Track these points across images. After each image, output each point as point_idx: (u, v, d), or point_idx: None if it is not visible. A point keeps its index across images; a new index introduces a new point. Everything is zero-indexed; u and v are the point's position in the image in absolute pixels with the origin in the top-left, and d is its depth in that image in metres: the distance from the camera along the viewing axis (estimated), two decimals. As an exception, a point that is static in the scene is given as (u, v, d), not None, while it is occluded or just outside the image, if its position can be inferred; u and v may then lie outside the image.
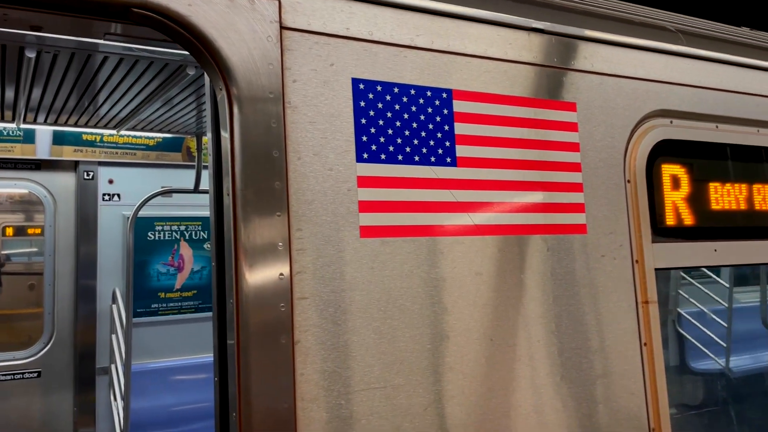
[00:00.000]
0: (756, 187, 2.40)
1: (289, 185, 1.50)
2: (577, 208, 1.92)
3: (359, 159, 1.62)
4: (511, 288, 1.78)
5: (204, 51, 1.45)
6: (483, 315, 1.73)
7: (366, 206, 1.61)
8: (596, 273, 1.93)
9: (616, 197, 2.00)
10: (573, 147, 1.94)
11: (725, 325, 6.44)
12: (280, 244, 1.47)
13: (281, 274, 1.46)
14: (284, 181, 1.49)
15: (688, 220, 2.22)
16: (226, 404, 1.46)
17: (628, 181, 2.05)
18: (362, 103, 1.64)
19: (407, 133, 1.70)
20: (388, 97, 1.68)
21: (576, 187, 1.93)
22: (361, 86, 1.64)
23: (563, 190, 1.90)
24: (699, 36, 2.35)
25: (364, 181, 1.62)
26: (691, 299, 6.68)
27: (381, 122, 1.67)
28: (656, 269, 2.06)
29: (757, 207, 2.39)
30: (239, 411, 1.38)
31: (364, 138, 1.63)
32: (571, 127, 1.95)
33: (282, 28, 1.54)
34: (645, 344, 1.99)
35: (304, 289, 1.49)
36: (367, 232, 1.60)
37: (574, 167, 1.94)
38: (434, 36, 1.76)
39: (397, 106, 1.69)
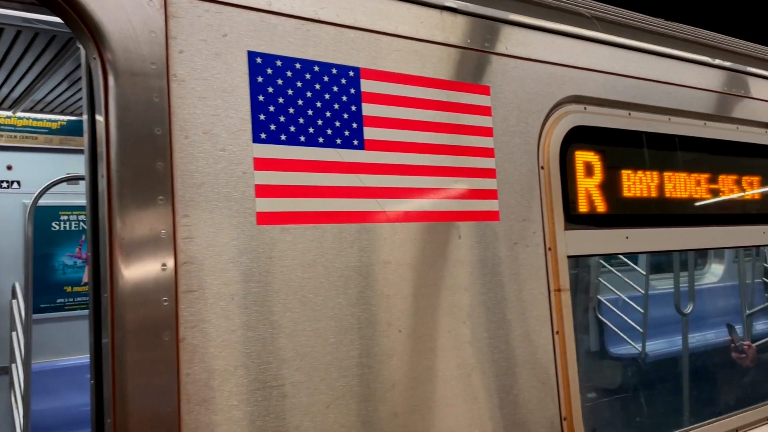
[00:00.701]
0: (667, 174, 2.42)
1: (175, 167, 1.36)
2: (490, 194, 1.86)
3: (256, 139, 1.49)
4: (422, 277, 1.70)
5: (73, 14, 1.28)
6: (391, 305, 1.65)
7: (263, 191, 1.49)
8: (509, 261, 1.89)
9: (529, 184, 1.96)
10: (486, 132, 1.88)
11: (642, 311, 6.68)
12: (163, 231, 1.33)
13: (164, 265, 1.32)
14: (168, 162, 1.35)
15: (601, 207, 2.21)
16: (102, 409, 1.31)
17: (542, 168, 2.01)
18: (260, 79, 1.51)
19: (310, 112, 1.59)
20: (289, 73, 1.56)
21: (489, 173, 1.87)
22: (259, 60, 1.51)
23: (476, 176, 1.84)
24: (614, 23, 2.34)
25: (261, 164, 1.49)
26: (610, 286, 6.90)
27: (281, 100, 1.55)
28: (569, 257, 2.04)
29: (668, 195, 2.41)
30: (114, 416, 1.24)
31: (262, 117, 1.51)
32: (485, 111, 1.89)
33: (167, -8, 1.39)
34: (557, 332, 1.97)
35: (192, 282, 1.36)
36: (265, 218, 1.49)
37: (487, 152, 1.88)
38: (340, 10, 1.65)
39: (299, 83, 1.58)
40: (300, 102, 1.57)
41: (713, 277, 8.29)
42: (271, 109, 1.53)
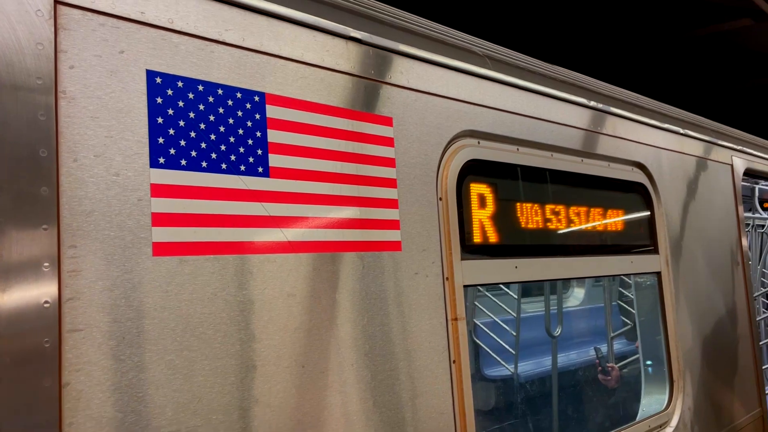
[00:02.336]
0: (550, 207, 2.57)
1: (61, 192, 1.23)
2: (393, 224, 1.87)
3: (154, 164, 1.39)
4: (326, 309, 1.66)
5: (-56, 17, 1.13)
6: (295, 340, 1.58)
7: (161, 219, 1.38)
8: (410, 291, 1.89)
9: (429, 214, 1.99)
10: (389, 162, 1.89)
11: (514, 333, 7.01)
12: (46, 264, 1.19)
13: (46, 302, 1.18)
14: (54, 186, 1.21)
15: (493, 238, 2.29)
16: (-35, 470, 1.13)
17: (440, 199, 2.05)
18: (159, 100, 1.41)
19: (213, 137, 1.51)
20: (191, 95, 1.48)
21: (392, 203, 1.87)
22: (158, 80, 1.42)
23: (379, 206, 1.84)
24: (504, 63, 2.46)
25: (159, 190, 1.39)
26: (485, 310, 7.18)
27: (182, 123, 1.45)
28: (465, 286, 2.09)
29: (551, 227, 2.56)
30: (-19, 479, 1.08)
31: (161, 140, 1.41)
32: (388, 141, 1.90)
33: (57, 2, 1.27)
34: (454, 362, 1.99)
35: (78, 320, 1.22)
36: (162, 249, 1.38)
37: (390, 183, 1.88)
38: (246, 33, 1.59)
39: (201, 107, 1.49)
40: (202, 126, 1.49)
41: (576, 301, 8.89)
42: (171, 132, 1.43)
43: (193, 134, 1.47)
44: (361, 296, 1.74)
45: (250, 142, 1.57)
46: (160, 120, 1.41)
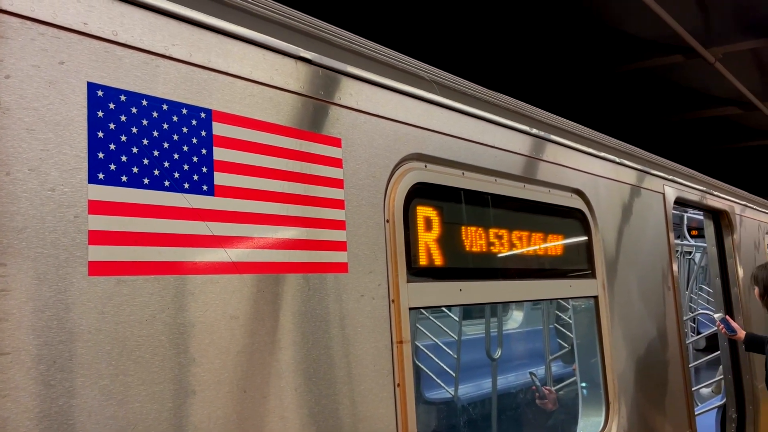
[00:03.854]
0: (493, 231, 2.61)
1: (-9, 207, 1.16)
2: (340, 246, 1.85)
3: (92, 180, 1.33)
4: (270, 332, 1.62)
5: None
6: (237, 364, 1.54)
7: (98, 237, 1.33)
8: (356, 313, 1.88)
9: (376, 236, 1.99)
10: (337, 183, 1.88)
11: (455, 356, 7.06)
12: (-29, 283, 1.11)
13: None
14: None
15: (438, 260, 2.31)
16: None
17: (387, 221, 2.05)
18: (100, 113, 1.36)
19: (156, 153, 1.46)
20: (134, 110, 1.43)
21: (339, 225, 1.86)
22: (100, 93, 1.37)
23: (326, 227, 1.82)
24: (450, 89, 2.51)
25: (97, 207, 1.33)
26: (426, 332, 7.21)
27: (124, 138, 1.41)
28: (410, 308, 2.09)
29: (495, 250, 2.60)
30: None
31: (101, 155, 1.36)
32: (336, 162, 1.89)
33: (-6, 8, 1.21)
34: (398, 385, 1.98)
35: (5, 342, 1.15)
36: (99, 268, 1.32)
37: (338, 204, 1.87)
38: (193, 48, 1.56)
39: (145, 122, 1.45)
40: (145, 141, 1.44)
41: (515, 323, 9.05)
42: (112, 147, 1.38)
43: (135, 150, 1.42)
44: (305, 319, 1.71)
45: (195, 159, 1.53)
46: (100, 134, 1.36)
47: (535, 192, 2.86)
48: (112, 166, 1.37)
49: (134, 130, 1.43)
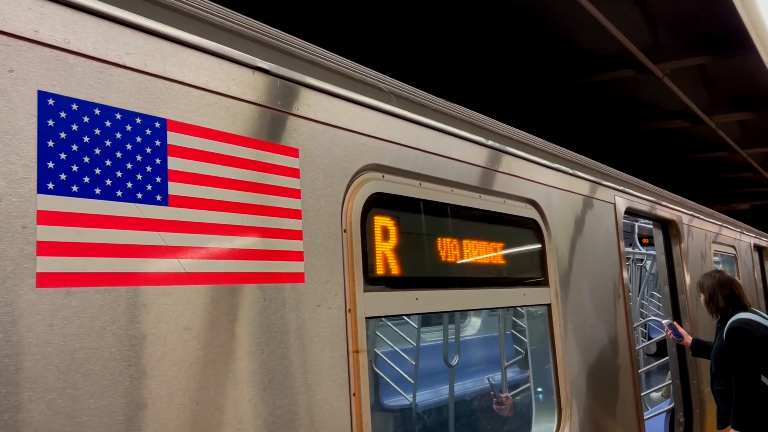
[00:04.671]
0: (449, 241, 2.65)
1: (-67, 217, 1.13)
2: (297, 256, 1.86)
3: (42, 189, 1.31)
4: (224, 343, 1.61)
5: None
6: (189, 376, 1.52)
7: (47, 248, 1.30)
8: (312, 323, 1.88)
9: (333, 246, 2.00)
10: (294, 193, 1.88)
11: (413, 363, 7.10)
12: None
13: None
14: None
15: (395, 270, 2.33)
16: None
17: (345, 231, 2.07)
18: (51, 122, 1.34)
19: (109, 163, 1.45)
20: (86, 119, 1.41)
21: (296, 235, 1.86)
22: (51, 102, 1.35)
23: (283, 237, 1.82)
24: (408, 100, 2.54)
25: (46, 217, 1.31)
26: (386, 339, 7.24)
27: (75, 147, 1.38)
28: (367, 318, 2.10)
29: (451, 259, 2.64)
30: None
31: (51, 164, 1.33)
32: (293, 172, 1.90)
33: (-61, 12, 1.18)
34: (354, 394, 1.99)
35: (-54, 357, 1.12)
36: (48, 280, 1.29)
37: (295, 214, 1.88)
38: (148, 57, 1.55)
39: (97, 131, 1.43)
40: (97, 151, 1.43)
41: (473, 330, 9.16)
42: (63, 156, 1.36)
43: (86, 159, 1.40)
44: (261, 329, 1.71)
45: (148, 169, 1.52)
46: (51, 143, 1.34)
47: (491, 202, 2.92)
48: (63, 176, 1.35)
49: (86, 139, 1.41)
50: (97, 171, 1.42)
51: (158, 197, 1.52)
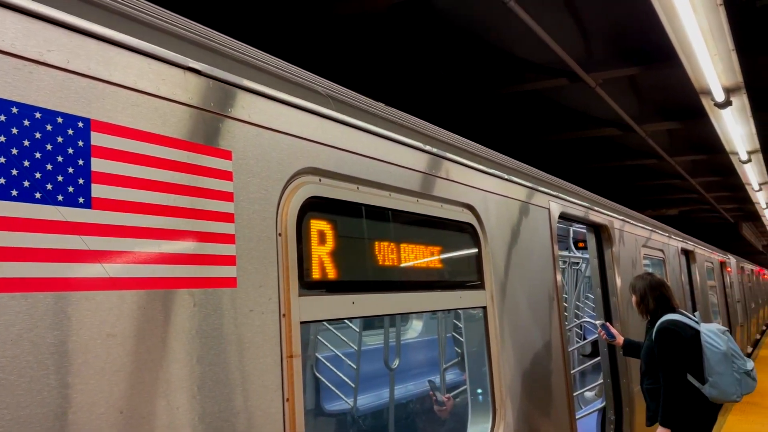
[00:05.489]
0: (386, 244, 2.66)
1: None
2: (229, 260, 1.83)
3: (-48, 191, 1.24)
4: (150, 350, 1.57)
5: None
6: (113, 384, 1.48)
7: (-43, 252, 1.23)
8: (244, 328, 1.85)
9: (267, 250, 1.98)
10: (227, 196, 1.85)
11: (354, 366, 7.09)
12: None
13: None
14: None
15: (331, 274, 2.32)
16: None
17: (280, 235, 2.05)
18: (-38, 120, 1.28)
19: (27, 164, 1.39)
20: (3, 118, 1.35)
21: (228, 239, 1.83)
22: (-37, 98, 1.28)
23: (215, 241, 1.79)
24: (345, 103, 2.54)
25: (-44, 220, 1.24)
26: (326, 343, 7.20)
27: (-11, 147, 1.32)
28: (301, 322, 2.09)
29: (388, 263, 2.65)
30: None
31: (-38, 164, 1.27)
32: (226, 175, 1.87)
33: None
34: (287, 400, 1.97)
35: None
36: (-43, 286, 1.23)
37: (227, 217, 1.85)
38: (72, 55, 1.50)
39: (15, 130, 1.37)
40: (14, 151, 1.36)
41: (414, 333, 9.22)
42: (-24, 155, 1.29)
43: (2, 160, 1.34)
44: (190, 335, 1.67)
45: (70, 170, 1.46)
46: (-38, 142, 1.27)
47: (428, 206, 2.95)
48: (-25, 177, 1.29)
49: (2, 138, 1.34)
50: (14, 172, 1.36)
51: (81, 200, 1.47)
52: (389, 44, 5.40)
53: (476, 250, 3.33)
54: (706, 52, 5.38)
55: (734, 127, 7.99)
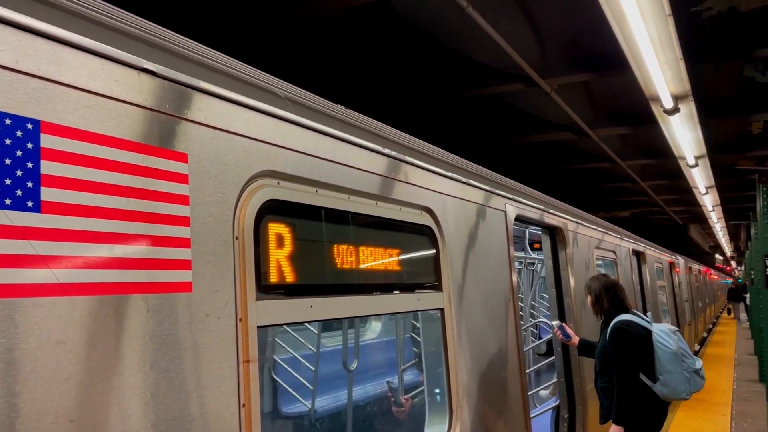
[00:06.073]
0: (344, 247, 2.67)
1: None
2: (184, 264, 1.80)
3: None
4: (102, 357, 1.53)
5: None
6: (63, 392, 1.44)
7: None
8: (200, 333, 1.83)
9: (224, 254, 1.96)
10: (182, 200, 1.83)
11: (312, 368, 7.05)
12: None
13: None
14: None
15: (289, 277, 2.31)
16: None
17: (237, 238, 2.03)
18: None
19: (-28, 166, 1.34)
20: (-55, 118, 1.30)
21: (183, 242, 1.81)
22: None
23: (169, 245, 1.76)
24: (304, 106, 2.53)
25: None
26: (285, 345, 7.14)
27: (-69, 148, 1.27)
28: (258, 326, 2.07)
29: (346, 266, 2.65)
30: None
31: None
32: (182, 178, 1.84)
33: None
34: (243, 405, 1.96)
35: None
36: None
37: (183, 221, 1.82)
38: (20, 55, 1.45)
39: (-42, 131, 1.32)
40: (-41, 153, 1.32)
41: (373, 334, 9.23)
42: None
43: (-55, 161, 1.29)
44: (143, 341, 1.64)
45: (18, 173, 1.42)
46: None
47: (387, 209, 2.97)
48: None
49: (-55, 139, 1.30)
50: (-42, 174, 1.31)
51: (30, 203, 1.43)
52: (349, 47, 5.40)
53: (434, 252, 3.36)
54: (656, 61, 5.56)
55: (682, 133, 8.29)
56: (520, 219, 4.86)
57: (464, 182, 3.84)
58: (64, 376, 1.44)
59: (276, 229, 2.28)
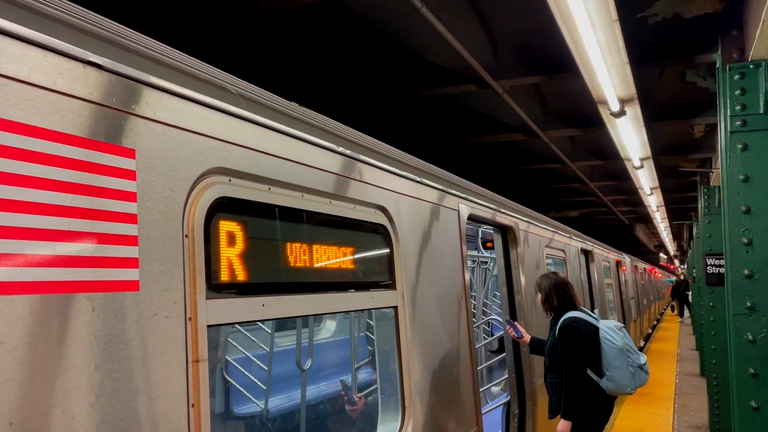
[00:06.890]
0: (297, 246, 2.65)
1: None
2: (131, 263, 1.76)
3: None
4: (43, 358, 1.49)
5: None
6: (2, 394, 1.39)
7: None
8: (147, 333, 1.79)
9: (173, 252, 1.92)
10: (130, 196, 1.78)
11: (266, 368, 6.99)
12: None
13: None
14: None
15: (241, 276, 2.29)
16: None
17: (186, 236, 1.99)
18: None
19: None
20: None
21: (130, 240, 1.77)
22: None
23: (115, 243, 1.72)
24: (257, 103, 2.51)
25: None
26: (237, 345, 7.05)
27: None
28: (209, 326, 2.04)
29: (299, 264, 2.64)
30: None
31: None
32: (129, 175, 1.80)
33: None
34: (192, 405, 1.93)
35: None
36: None
37: (130, 218, 1.78)
38: (-44, 43, 1.40)
39: None
40: None
41: (328, 333, 9.20)
42: None
43: None
44: (87, 341, 1.60)
45: (-46, 167, 1.36)
46: None
47: (341, 208, 2.96)
48: None
49: None
50: None
51: (-34, 199, 1.37)
52: (302, 44, 5.37)
53: (388, 250, 3.38)
54: (603, 65, 5.73)
55: (628, 135, 8.55)
56: (473, 218, 4.93)
57: (418, 181, 3.87)
58: (3, 377, 1.39)
59: (227, 226, 2.25)
